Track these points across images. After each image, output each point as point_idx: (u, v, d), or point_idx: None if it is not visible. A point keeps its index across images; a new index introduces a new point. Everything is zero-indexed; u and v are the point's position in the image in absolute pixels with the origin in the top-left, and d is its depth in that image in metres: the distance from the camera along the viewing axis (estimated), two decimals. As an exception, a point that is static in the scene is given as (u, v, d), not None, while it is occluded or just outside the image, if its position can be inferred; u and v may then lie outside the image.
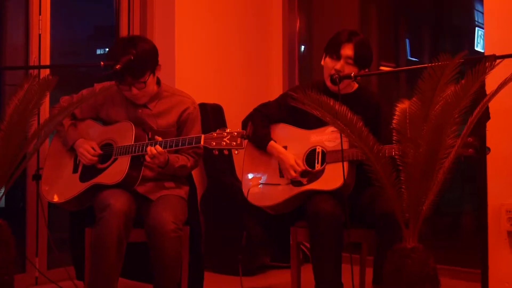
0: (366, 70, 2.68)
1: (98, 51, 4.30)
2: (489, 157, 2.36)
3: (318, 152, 2.62)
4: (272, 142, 2.70)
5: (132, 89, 2.60)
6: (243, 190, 2.74)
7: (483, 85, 2.11)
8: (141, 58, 2.55)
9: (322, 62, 2.71)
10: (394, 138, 2.08)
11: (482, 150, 2.34)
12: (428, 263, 1.96)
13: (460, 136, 1.97)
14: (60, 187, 2.71)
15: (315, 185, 2.56)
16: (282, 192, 2.64)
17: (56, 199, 2.69)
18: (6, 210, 3.30)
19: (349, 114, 2.04)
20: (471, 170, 2.94)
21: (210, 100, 3.76)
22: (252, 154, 2.79)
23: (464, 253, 3.54)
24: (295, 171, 2.61)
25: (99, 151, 2.65)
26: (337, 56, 2.61)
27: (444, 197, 2.02)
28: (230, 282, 3.21)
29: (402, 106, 2.07)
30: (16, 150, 2.18)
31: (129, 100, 2.71)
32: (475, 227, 3.57)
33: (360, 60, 2.61)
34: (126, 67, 2.50)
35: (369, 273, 2.61)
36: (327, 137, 2.61)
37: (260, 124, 2.74)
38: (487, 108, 2.17)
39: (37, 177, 2.90)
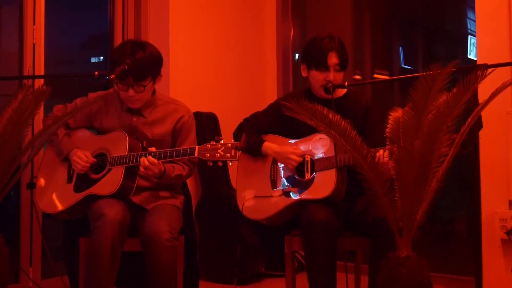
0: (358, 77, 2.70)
1: (93, 59, 4.29)
2: (482, 165, 2.38)
3: (307, 161, 2.63)
4: (266, 143, 2.71)
5: (129, 90, 2.60)
6: (238, 204, 2.74)
7: (475, 94, 2.13)
8: (147, 62, 2.57)
9: (304, 74, 2.72)
10: (387, 147, 2.09)
11: (474, 157, 2.36)
12: (422, 271, 1.97)
13: (453, 145, 1.98)
14: (54, 197, 2.70)
15: (306, 194, 2.57)
16: (275, 204, 2.64)
17: (50, 209, 2.69)
18: (-1, 219, 3.29)
19: (342, 123, 2.05)
20: (465, 177, 2.95)
21: (204, 108, 3.77)
22: (245, 166, 2.80)
23: (458, 261, 3.54)
24: (298, 156, 2.60)
25: (92, 159, 2.65)
26: (325, 68, 2.62)
27: (437, 204, 2.03)
28: (225, 291, 3.21)
29: (395, 114, 2.08)
30: (10, 160, 2.18)
31: (124, 108, 2.72)
32: (469, 234, 3.58)
33: (344, 63, 2.64)
34: (129, 69, 2.51)
35: (364, 281, 2.61)
36: (314, 145, 2.63)
37: (251, 133, 2.75)
38: (480, 116, 2.19)
39: (31, 186, 2.89)
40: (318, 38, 2.66)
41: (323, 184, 2.53)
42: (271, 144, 2.71)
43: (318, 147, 2.61)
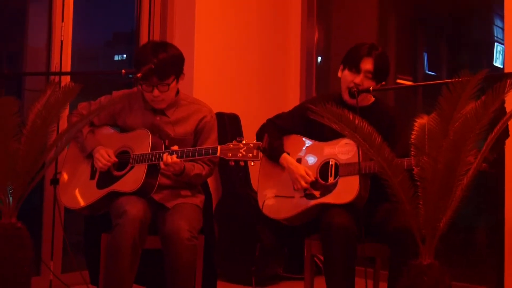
0: (383, 83, 2.69)
1: (116, 57, 4.33)
2: (506, 174, 2.35)
3: (331, 165, 2.62)
4: (284, 154, 2.71)
5: (155, 90, 2.62)
6: (259, 202, 2.74)
7: (502, 103, 2.11)
8: (170, 61, 2.60)
9: (339, 74, 2.72)
10: (412, 153, 2.07)
11: (500, 167, 2.33)
12: (444, 279, 1.95)
13: (480, 153, 1.97)
14: (77, 193, 2.73)
15: (328, 199, 2.56)
16: (296, 205, 2.64)
17: (72, 204, 2.71)
18: (23, 212, 3.32)
19: (368, 128, 2.04)
20: (487, 186, 2.92)
21: (227, 109, 3.78)
22: (267, 165, 2.80)
23: (479, 270, 3.50)
24: (306, 182, 2.61)
25: (114, 159, 2.67)
26: (356, 70, 2.62)
27: (459, 212, 2.01)
28: (242, 292, 3.22)
29: (421, 121, 2.06)
30: (37, 155, 2.20)
31: (147, 107, 2.74)
32: (490, 244, 3.54)
33: (379, 74, 2.62)
34: (151, 71, 2.53)
35: (382, 287, 2.60)
36: (340, 150, 2.62)
37: (273, 136, 2.75)
38: (507, 125, 2.16)
39: (55, 182, 2.93)
40: (362, 43, 2.67)
41: (346, 190, 2.52)
42: (289, 158, 2.70)
43: (344, 151, 2.60)
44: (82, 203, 2.68)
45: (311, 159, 2.69)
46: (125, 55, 4.26)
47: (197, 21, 3.72)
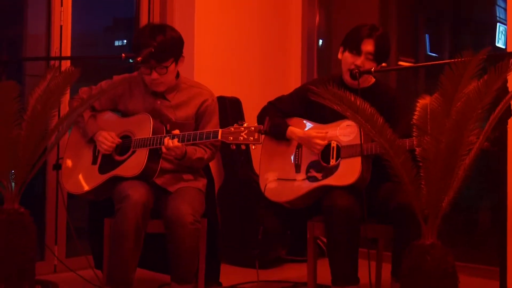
0: (384, 64, 2.68)
1: (116, 43, 4.32)
2: (509, 153, 2.35)
3: (333, 147, 2.62)
4: (290, 127, 2.70)
5: (153, 73, 2.61)
6: (260, 186, 2.75)
7: (505, 82, 2.10)
8: (168, 44, 2.58)
9: (340, 56, 2.70)
10: (415, 133, 2.07)
11: (501, 146, 2.33)
12: (447, 259, 1.96)
13: (482, 133, 1.96)
14: (79, 178, 2.73)
15: (330, 181, 2.56)
16: (298, 188, 2.64)
17: (75, 189, 2.72)
18: (26, 198, 3.34)
19: (369, 109, 2.04)
20: (489, 166, 2.92)
21: (228, 93, 3.77)
22: (269, 149, 2.80)
23: (482, 250, 3.51)
24: (323, 139, 2.59)
25: (118, 140, 2.67)
26: (357, 52, 2.60)
27: (461, 192, 2.02)
28: (246, 274, 3.23)
29: (423, 101, 2.06)
30: (38, 141, 2.21)
31: (148, 92, 2.73)
32: (493, 224, 3.55)
33: (380, 55, 2.61)
34: (151, 55, 2.52)
35: (385, 268, 2.61)
36: (341, 132, 2.61)
37: (275, 116, 2.74)
38: (509, 105, 2.16)
39: (57, 167, 2.93)
40: (362, 24, 2.65)
41: (348, 172, 2.52)
42: (296, 129, 2.70)
43: (345, 133, 2.59)
44: (84, 188, 2.69)
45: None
46: (125, 41, 4.25)
47: (197, 5, 3.70)
